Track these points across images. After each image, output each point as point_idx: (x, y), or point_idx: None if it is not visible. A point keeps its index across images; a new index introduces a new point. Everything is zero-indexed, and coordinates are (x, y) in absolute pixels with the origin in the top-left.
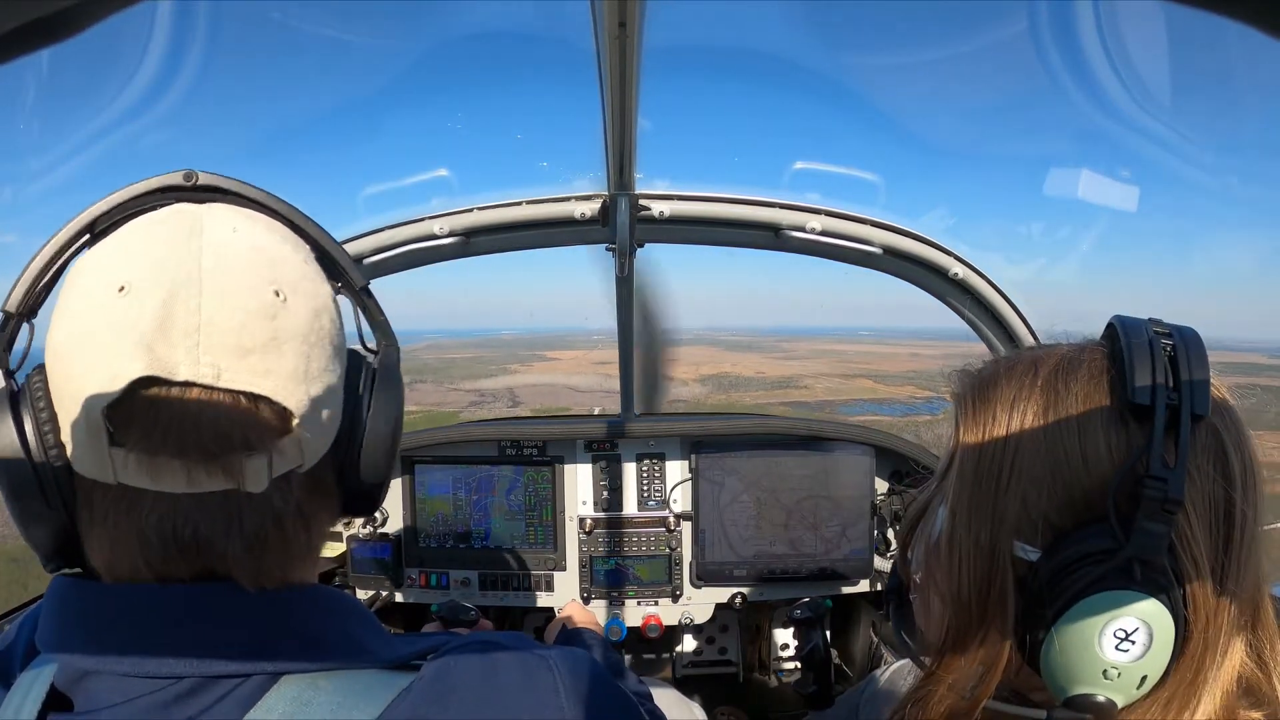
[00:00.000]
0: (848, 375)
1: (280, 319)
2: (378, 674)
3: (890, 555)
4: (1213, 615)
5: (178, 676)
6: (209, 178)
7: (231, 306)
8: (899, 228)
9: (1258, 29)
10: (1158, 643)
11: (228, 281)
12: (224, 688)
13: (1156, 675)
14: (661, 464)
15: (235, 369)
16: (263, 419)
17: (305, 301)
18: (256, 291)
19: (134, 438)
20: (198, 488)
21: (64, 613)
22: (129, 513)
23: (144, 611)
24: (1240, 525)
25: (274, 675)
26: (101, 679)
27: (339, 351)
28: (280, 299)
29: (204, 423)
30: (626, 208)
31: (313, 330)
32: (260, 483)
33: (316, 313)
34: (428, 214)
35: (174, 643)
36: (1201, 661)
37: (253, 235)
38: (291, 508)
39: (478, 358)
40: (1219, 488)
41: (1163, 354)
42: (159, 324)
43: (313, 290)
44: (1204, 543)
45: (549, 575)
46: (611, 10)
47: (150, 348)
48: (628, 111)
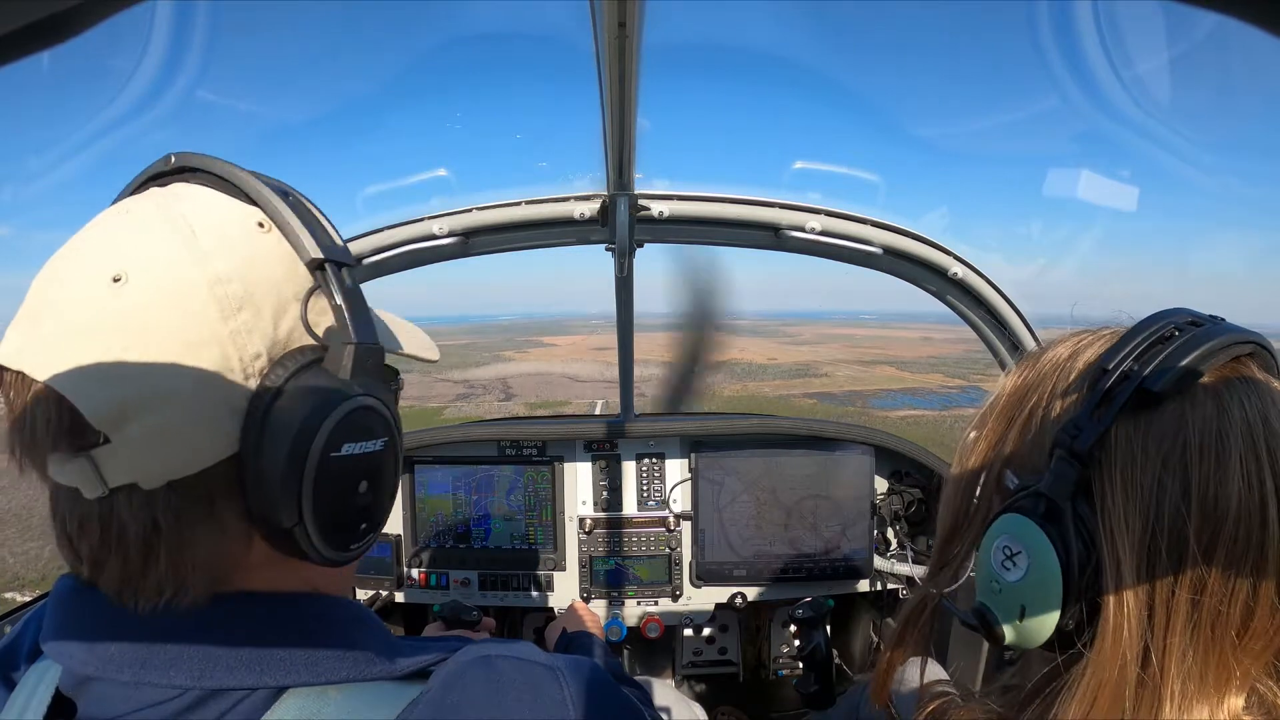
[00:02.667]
0: (866, 362)
1: (100, 304)
2: (386, 685)
3: (890, 555)
4: (1141, 608)
5: (180, 688)
6: (182, 157)
7: (61, 290)
8: (899, 228)
9: (1259, 28)
10: (1035, 572)
11: (74, 264)
12: (229, 701)
13: (1039, 615)
14: (661, 464)
15: (49, 360)
16: (68, 421)
17: (148, 286)
18: (91, 275)
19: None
20: (43, 480)
21: (66, 616)
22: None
23: (142, 620)
24: (1182, 530)
25: (279, 688)
26: (104, 686)
27: (197, 348)
28: (117, 283)
29: (20, 414)
30: (626, 208)
31: (144, 320)
32: (92, 488)
33: (162, 299)
34: (427, 214)
35: (175, 653)
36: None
37: (137, 215)
38: (142, 525)
39: (470, 345)
40: (1167, 479)
41: (1160, 334)
42: (22, 310)
43: (174, 272)
44: (1134, 522)
45: (549, 575)
46: (611, 10)
47: (8, 334)
48: (627, 111)
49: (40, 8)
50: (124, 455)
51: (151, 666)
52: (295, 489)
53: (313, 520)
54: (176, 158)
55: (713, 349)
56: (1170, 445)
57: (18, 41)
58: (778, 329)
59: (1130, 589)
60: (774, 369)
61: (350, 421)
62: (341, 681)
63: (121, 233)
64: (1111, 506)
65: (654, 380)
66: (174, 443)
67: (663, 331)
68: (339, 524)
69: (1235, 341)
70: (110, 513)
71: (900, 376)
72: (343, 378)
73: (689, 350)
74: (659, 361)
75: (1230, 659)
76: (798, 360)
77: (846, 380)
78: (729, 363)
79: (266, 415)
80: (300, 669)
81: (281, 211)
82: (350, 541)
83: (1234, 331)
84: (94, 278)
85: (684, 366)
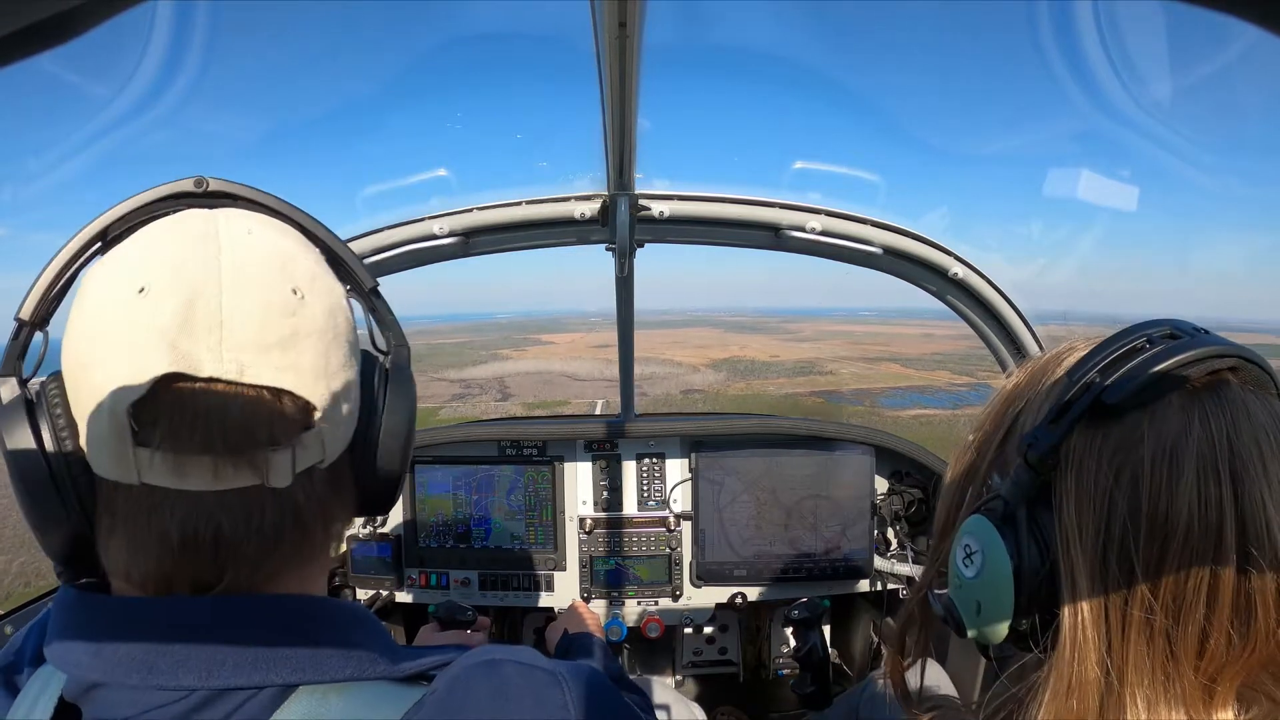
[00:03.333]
0: (869, 359)
1: (299, 315)
2: (390, 687)
3: (890, 555)
4: (1096, 615)
5: (188, 689)
6: (219, 183)
7: (252, 303)
8: (899, 228)
9: (1260, 26)
10: (988, 571)
11: (247, 280)
12: (235, 700)
13: (993, 613)
14: (661, 464)
15: (258, 364)
16: (286, 413)
17: (321, 299)
18: (275, 289)
19: (159, 435)
20: (224, 484)
21: (71, 624)
22: (151, 513)
23: (149, 624)
24: (1130, 543)
25: (286, 688)
26: (110, 690)
27: (354, 349)
28: (298, 296)
29: (230, 417)
30: (626, 208)
31: (329, 327)
32: (285, 477)
33: (332, 310)
34: (427, 214)
35: (182, 655)
36: (1077, 656)
37: (266, 237)
38: (313, 503)
39: (468, 343)
40: (1117, 491)
41: (1130, 345)
42: (181, 321)
43: (327, 289)
44: (1088, 531)
45: (549, 575)
46: (611, 10)
47: (174, 344)
48: (628, 111)
49: (40, 8)
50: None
51: (159, 669)
52: (405, 452)
53: (404, 477)
54: (212, 183)
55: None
56: (1124, 458)
57: (18, 42)
58: (778, 325)
59: (1085, 598)
60: (777, 366)
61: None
62: (346, 680)
63: (270, 252)
64: (1066, 515)
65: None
66: (348, 423)
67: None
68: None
69: (1211, 355)
70: (289, 499)
71: (906, 374)
72: (409, 370)
73: None
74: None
75: (1193, 678)
76: (800, 357)
77: (852, 378)
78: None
79: (384, 398)
80: (306, 668)
81: (339, 248)
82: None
83: (1213, 345)
84: (278, 292)
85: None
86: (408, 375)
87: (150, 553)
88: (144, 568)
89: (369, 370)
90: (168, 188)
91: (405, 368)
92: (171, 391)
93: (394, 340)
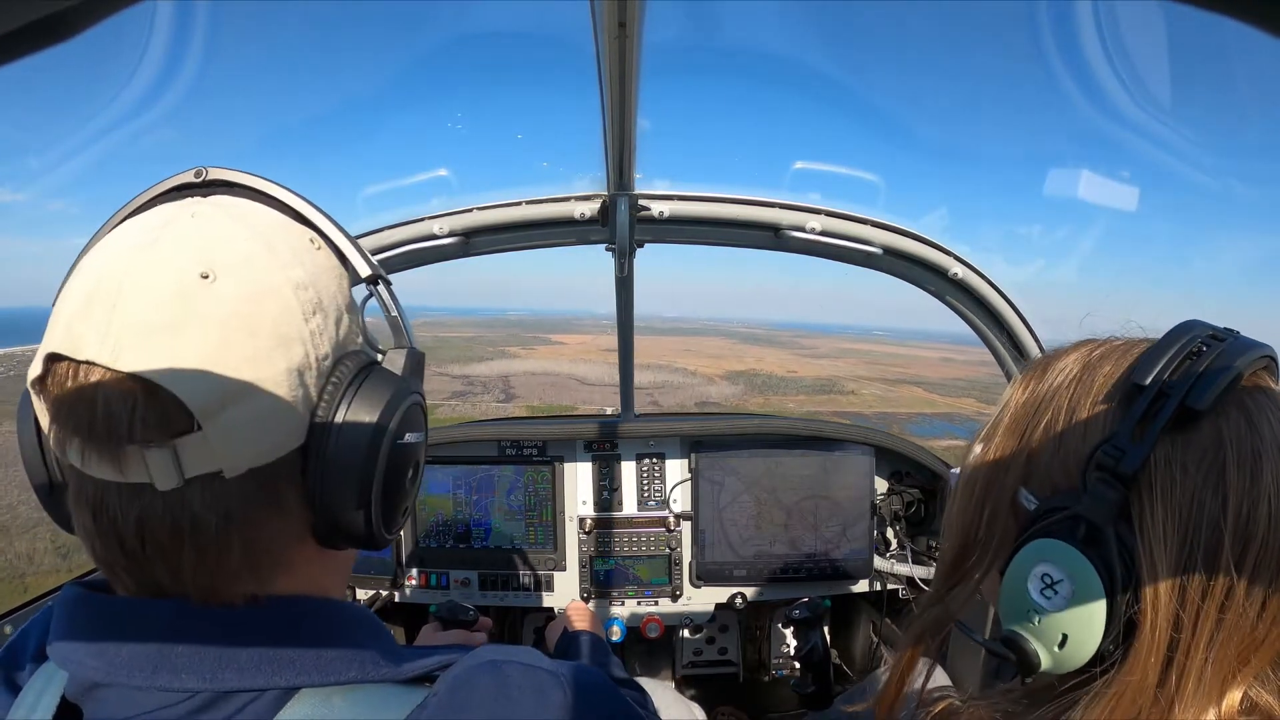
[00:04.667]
0: (890, 380)
1: (197, 300)
2: (393, 688)
3: (890, 555)
4: (1169, 622)
5: (191, 691)
6: (218, 172)
7: (148, 285)
8: (899, 228)
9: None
10: (1078, 600)
11: (155, 262)
12: (238, 702)
13: (1080, 642)
14: (661, 464)
15: (134, 351)
16: (156, 410)
17: (239, 285)
18: (178, 271)
19: (50, 415)
20: (92, 472)
21: (71, 623)
22: (77, 491)
23: (146, 624)
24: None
25: (288, 690)
26: (112, 690)
27: (288, 343)
28: (207, 280)
29: (97, 405)
30: (626, 208)
31: (239, 315)
32: (168, 479)
33: (254, 296)
34: (428, 214)
35: (186, 656)
36: (1147, 662)
37: (210, 220)
38: (215, 515)
39: (476, 338)
40: (1206, 496)
41: (1188, 349)
42: (83, 303)
43: (260, 274)
44: (1172, 541)
45: (549, 575)
46: (611, 10)
47: (69, 325)
48: (627, 112)
49: (40, 7)
50: (211, 444)
51: (163, 671)
52: (369, 473)
53: (379, 503)
54: (210, 172)
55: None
56: (1211, 463)
57: (17, 41)
58: (791, 340)
59: (1164, 606)
60: (795, 382)
61: (409, 414)
62: (350, 683)
63: (198, 234)
64: (1151, 526)
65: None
66: (259, 431)
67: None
68: (393, 507)
69: (1258, 355)
70: (180, 505)
71: (929, 399)
72: (403, 376)
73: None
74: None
75: (1236, 666)
76: (818, 374)
77: (875, 400)
78: (747, 374)
79: (341, 407)
80: (311, 670)
81: (333, 232)
82: (396, 525)
83: (1254, 345)
84: (181, 274)
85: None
86: (390, 380)
87: (81, 530)
88: (85, 546)
89: (342, 374)
90: (171, 180)
91: (391, 372)
92: (55, 371)
93: (397, 339)
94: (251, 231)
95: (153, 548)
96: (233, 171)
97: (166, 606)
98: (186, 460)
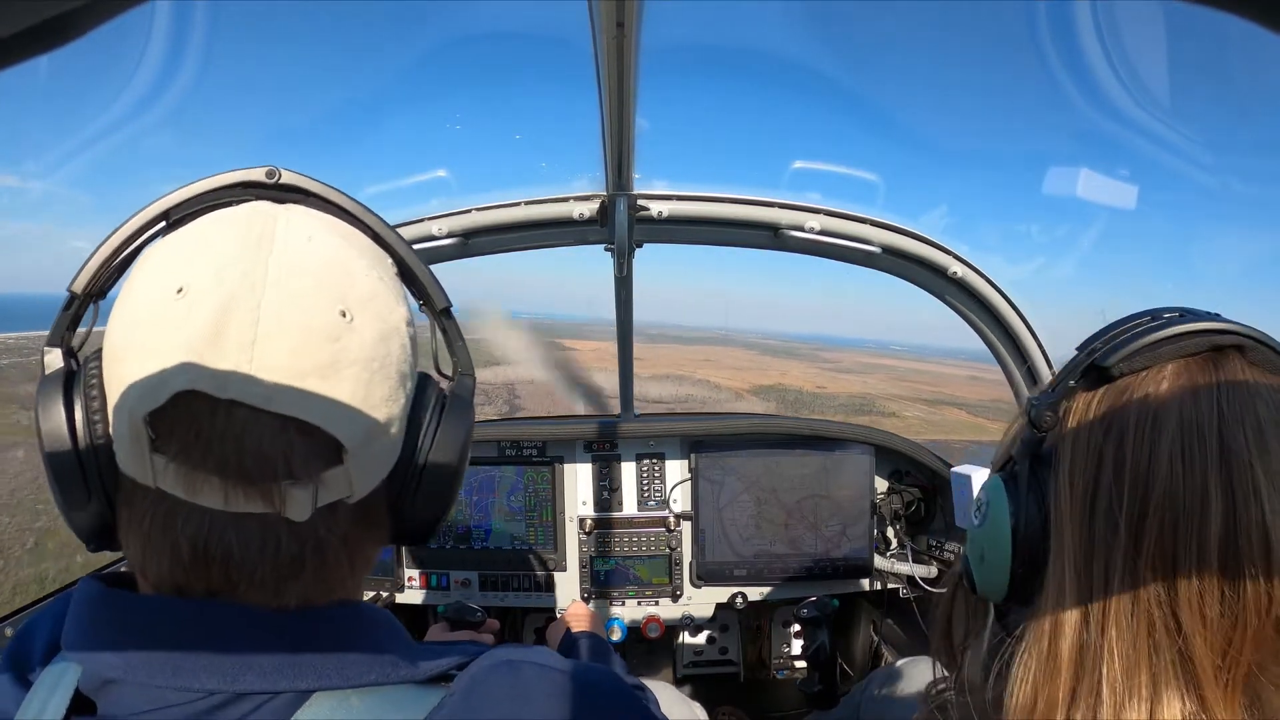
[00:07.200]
0: (929, 401)
1: (343, 341)
2: (409, 689)
3: (890, 555)
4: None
5: (208, 691)
6: (292, 176)
7: (291, 323)
8: (899, 227)
9: (1260, 25)
10: (991, 521)
11: (292, 295)
12: (253, 703)
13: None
14: (661, 464)
15: (287, 392)
16: (310, 448)
17: (373, 324)
18: (321, 309)
19: (174, 449)
20: (235, 508)
21: (91, 619)
22: (165, 519)
23: (173, 625)
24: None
25: (305, 692)
26: (128, 687)
27: (405, 379)
28: (346, 320)
29: (246, 445)
30: (625, 208)
31: (377, 356)
32: (303, 512)
33: (385, 336)
34: (426, 215)
35: (204, 657)
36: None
37: (327, 246)
38: (336, 537)
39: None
40: (1108, 449)
41: (1135, 322)
42: (212, 333)
43: (384, 312)
44: (1078, 484)
45: (549, 575)
46: (609, 10)
47: (199, 358)
48: (626, 112)
49: (39, 10)
50: (350, 476)
51: (184, 671)
52: (452, 488)
53: (448, 513)
54: (284, 175)
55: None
56: (1114, 416)
57: (17, 45)
58: (812, 353)
59: (1070, 552)
60: (828, 400)
61: (471, 435)
62: (368, 685)
63: (322, 264)
64: (1060, 471)
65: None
66: (383, 461)
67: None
68: (447, 515)
69: (1210, 330)
70: (310, 532)
71: (976, 423)
72: (470, 401)
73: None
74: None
75: (1169, 645)
76: (850, 391)
77: (920, 424)
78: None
79: (430, 432)
80: (331, 673)
81: (414, 262)
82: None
83: (1215, 322)
84: (324, 314)
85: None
86: (466, 407)
87: (163, 557)
88: (158, 571)
89: (423, 398)
90: (237, 174)
91: (465, 399)
92: (190, 408)
93: (460, 367)
94: (367, 263)
95: (268, 571)
96: (307, 179)
97: (200, 607)
98: (324, 492)
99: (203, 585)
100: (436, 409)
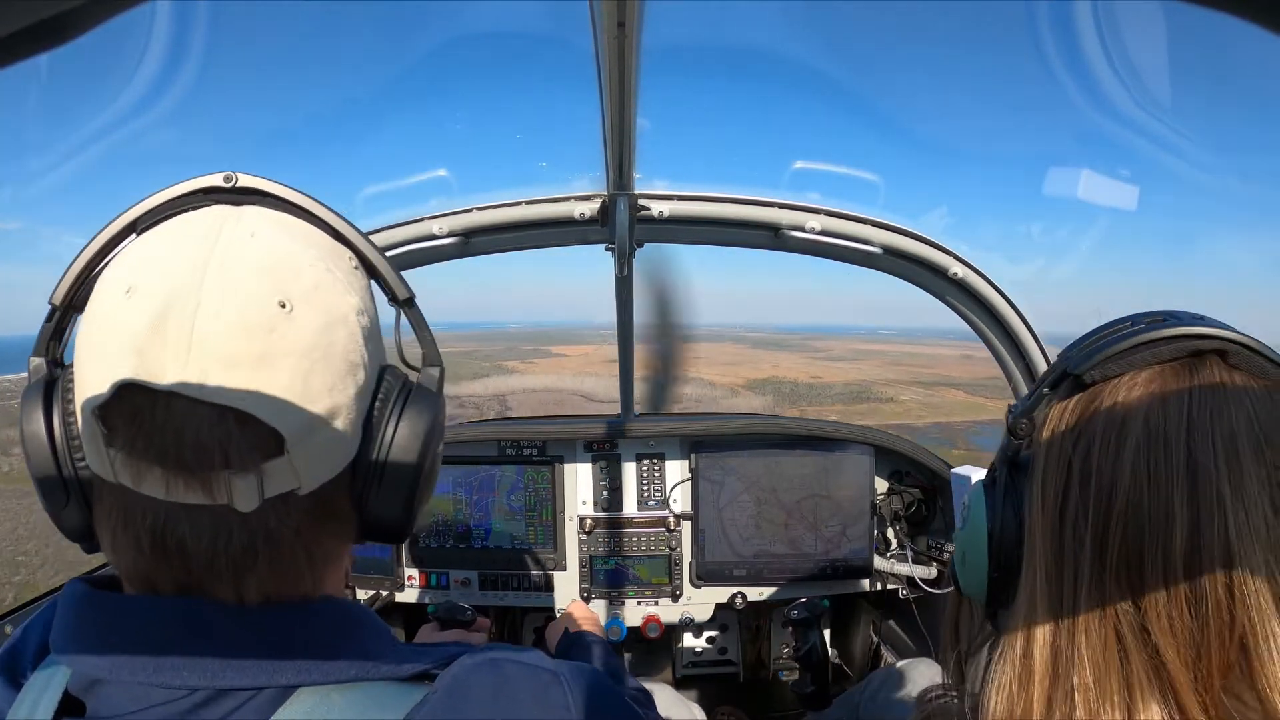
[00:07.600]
0: (925, 383)
1: (279, 332)
2: (391, 686)
3: (890, 555)
4: (1048, 571)
5: (191, 688)
6: (248, 179)
7: (228, 315)
8: (899, 227)
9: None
10: (971, 524)
11: (229, 289)
12: (236, 700)
13: (975, 565)
14: (661, 464)
15: (222, 382)
16: (249, 439)
17: (316, 314)
18: (258, 301)
19: (119, 441)
20: (176, 498)
21: (77, 620)
22: (126, 513)
23: (152, 623)
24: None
25: (287, 688)
26: (114, 686)
27: (355, 369)
28: (285, 310)
29: (184, 435)
30: (625, 208)
31: (319, 346)
32: (250, 503)
33: (328, 326)
34: (427, 214)
35: (187, 655)
36: (1032, 616)
37: (272, 241)
38: (288, 529)
39: (471, 353)
40: (1076, 459)
41: (1114, 330)
42: (153, 328)
43: (330, 302)
44: (1049, 490)
45: (549, 575)
46: (610, 10)
47: (140, 352)
48: (626, 111)
49: (39, 9)
50: (294, 467)
51: (165, 669)
52: (416, 480)
53: (418, 504)
54: (240, 178)
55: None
56: (1084, 426)
57: (17, 44)
58: (802, 343)
59: (1042, 558)
60: (824, 390)
61: (443, 424)
62: (349, 681)
63: (264, 256)
64: (1034, 480)
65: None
66: (332, 452)
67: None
68: (423, 506)
69: (1186, 335)
70: (257, 523)
71: (975, 402)
72: (438, 392)
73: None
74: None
75: (1140, 656)
76: (846, 379)
77: (919, 407)
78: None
79: (392, 423)
80: (312, 669)
81: (370, 253)
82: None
83: (1190, 325)
84: (261, 303)
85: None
86: (431, 397)
87: (129, 551)
88: (126, 565)
89: (387, 389)
90: (197, 182)
91: (429, 389)
92: (133, 401)
93: (427, 358)
94: (314, 255)
95: (223, 563)
96: (264, 180)
97: (181, 605)
98: (269, 483)
99: (168, 578)
100: (398, 400)
